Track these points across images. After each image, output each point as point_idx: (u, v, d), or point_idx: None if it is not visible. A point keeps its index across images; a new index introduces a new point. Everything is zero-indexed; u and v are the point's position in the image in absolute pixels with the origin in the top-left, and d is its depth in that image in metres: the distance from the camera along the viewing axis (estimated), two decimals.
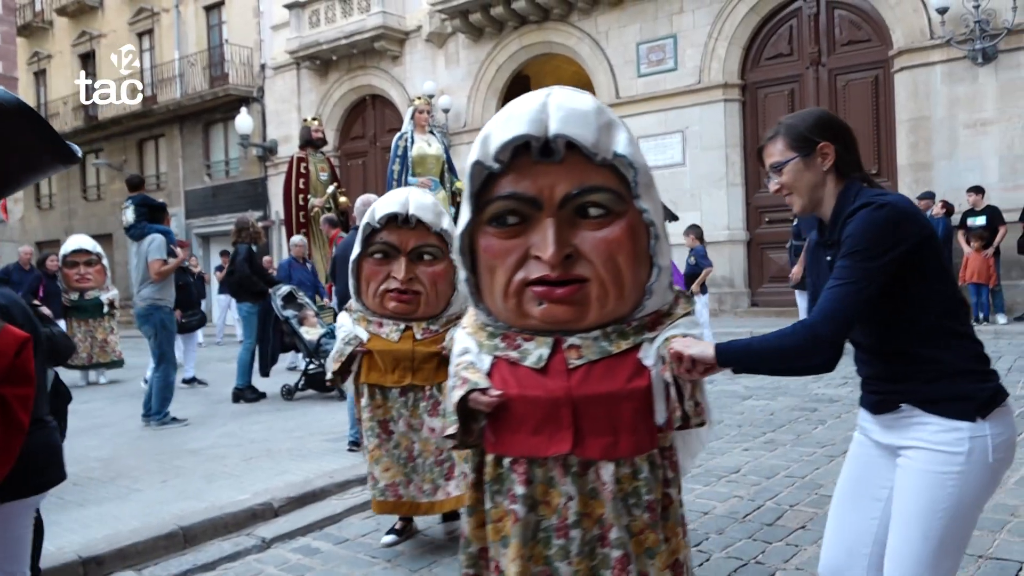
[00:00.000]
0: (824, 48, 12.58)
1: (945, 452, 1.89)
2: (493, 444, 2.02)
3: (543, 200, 1.90)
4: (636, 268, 1.95)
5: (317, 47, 18.02)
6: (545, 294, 1.93)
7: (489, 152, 1.90)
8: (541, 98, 1.91)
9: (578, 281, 1.92)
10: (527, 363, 1.98)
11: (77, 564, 3.73)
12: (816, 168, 2.03)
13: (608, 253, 1.91)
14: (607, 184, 1.91)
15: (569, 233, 1.92)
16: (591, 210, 1.91)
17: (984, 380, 1.95)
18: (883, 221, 1.86)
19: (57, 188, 25.95)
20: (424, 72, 16.83)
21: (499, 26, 15.73)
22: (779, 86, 13.01)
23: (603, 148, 1.88)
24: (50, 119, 25.28)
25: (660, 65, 13.84)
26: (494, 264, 1.97)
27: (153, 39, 22.92)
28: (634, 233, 1.94)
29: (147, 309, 6.83)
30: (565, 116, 1.86)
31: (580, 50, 14.89)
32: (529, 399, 1.94)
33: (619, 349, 1.96)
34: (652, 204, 1.96)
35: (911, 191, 11.39)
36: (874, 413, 2.08)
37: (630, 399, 1.93)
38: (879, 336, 1.98)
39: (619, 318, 1.98)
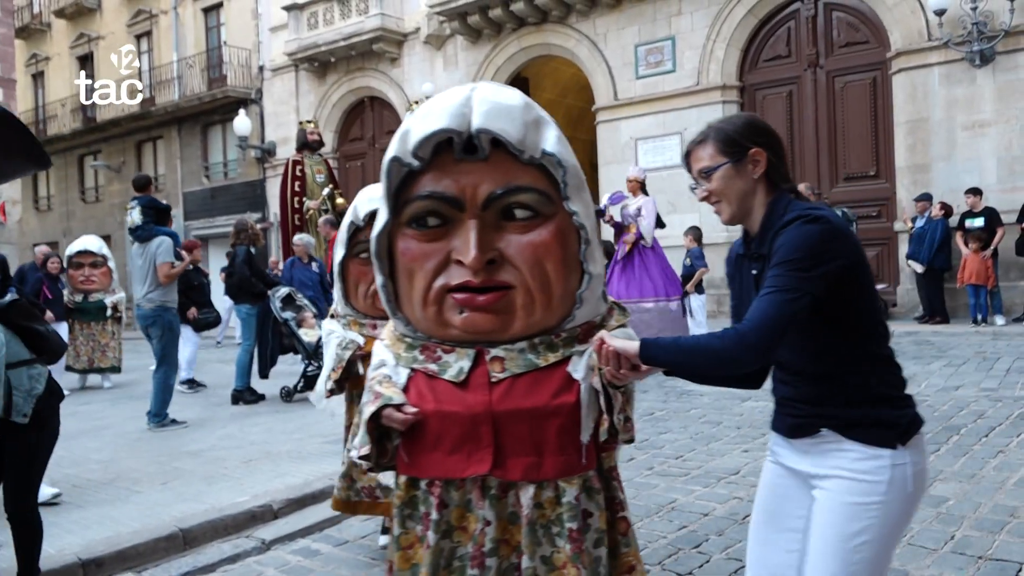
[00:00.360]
0: (822, 50, 12.60)
1: (865, 481, 1.82)
2: (407, 465, 1.87)
3: (465, 200, 1.77)
4: (566, 275, 1.82)
5: (315, 49, 18.02)
6: (466, 301, 1.79)
7: (408, 148, 1.77)
8: (465, 92, 1.79)
9: (502, 288, 1.79)
10: (446, 376, 1.83)
11: (77, 566, 3.73)
12: (747, 175, 1.93)
13: (535, 258, 1.78)
14: (534, 184, 1.78)
15: (494, 236, 1.79)
16: (517, 212, 1.78)
17: (905, 406, 1.89)
18: (818, 234, 1.77)
19: (56, 190, 25.93)
20: (422, 74, 16.84)
21: (497, 28, 15.74)
22: (777, 88, 13.03)
23: (530, 146, 1.76)
24: (48, 121, 25.31)
25: (658, 67, 13.86)
26: (413, 268, 1.83)
27: (151, 41, 22.91)
28: (564, 237, 1.81)
29: (155, 311, 6.86)
30: (489, 111, 1.73)
31: (578, 52, 14.90)
32: (446, 415, 1.80)
33: (547, 362, 1.83)
34: (583, 206, 1.83)
35: (909, 193, 11.43)
36: (791, 437, 1.98)
37: (556, 415, 1.79)
38: (805, 356, 1.88)
39: (548, 329, 1.85)
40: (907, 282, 11.55)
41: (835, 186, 12.38)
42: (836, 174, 12.54)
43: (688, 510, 4.04)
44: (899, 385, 1.91)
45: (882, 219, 12.09)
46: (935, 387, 6.65)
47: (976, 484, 4.16)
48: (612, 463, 1.94)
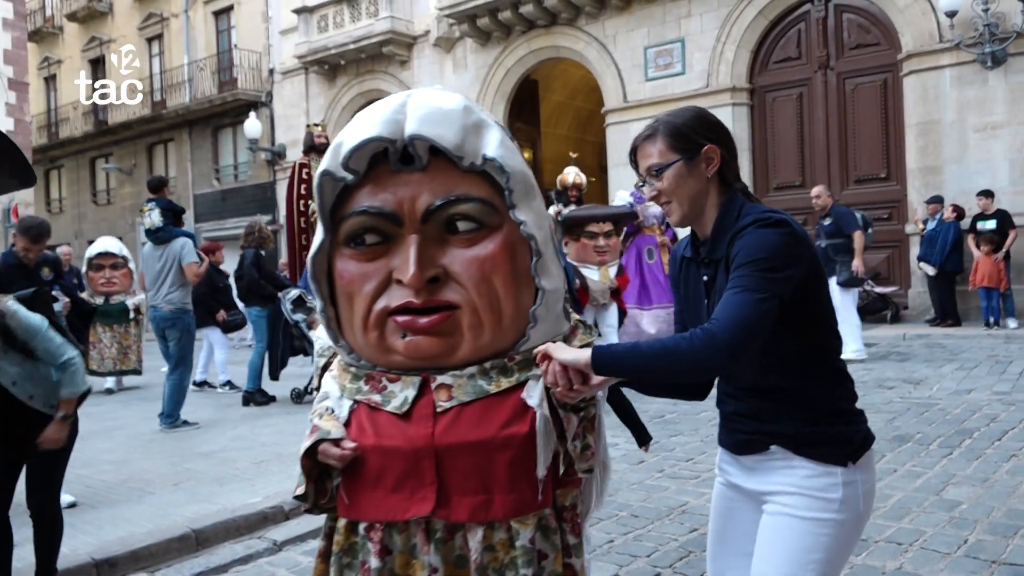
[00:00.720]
0: (832, 52, 12.57)
1: (819, 498, 1.73)
2: (346, 506, 1.69)
3: (403, 215, 1.61)
4: (516, 291, 1.65)
5: (325, 52, 18.09)
6: (408, 324, 1.62)
7: (339, 160, 1.62)
8: (401, 98, 1.64)
9: (447, 308, 1.63)
10: (389, 408, 1.66)
11: (91, 566, 3.76)
12: (700, 174, 1.80)
13: (481, 274, 1.62)
14: (477, 193, 1.62)
15: (437, 252, 1.63)
16: (460, 224, 1.62)
17: (857, 422, 1.81)
18: (782, 237, 1.67)
19: (67, 192, 26.09)
20: (432, 76, 16.88)
21: (507, 30, 15.77)
22: (787, 90, 13.01)
23: (470, 151, 1.60)
24: (60, 124, 25.48)
25: (668, 69, 13.85)
26: (352, 291, 1.66)
27: (162, 44, 23.04)
28: (512, 250, 1.64)
29: (174, 313, 6.92)
30: (424, 116, 1.58)
31: (588, 54, 14.91)
32: (386, 450, 1.62)
33: (499, 388, 1.64)
34: (532, 215, 1.66)
35: (920, 195, 11.39)
36: (738, 454, 1.88)
37: (506, 448, 1.60)
38: (757, 369, 1.75)
39: (500, 351, 1.67)
40: (918, 285, 11.50)
41: (846, 188, 12.33)
42: (847, 176, 12.50)
43: (699, 512, 4.03)
44: (851, 399, 1.83)
45: (893, 221, 12.05)
46: (947, 390, 6.63)
47: (989, 488, 4.14)
48: (569, 501, 1.72)
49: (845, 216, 8.49)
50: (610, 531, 3.92)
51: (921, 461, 4.68)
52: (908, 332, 10.14)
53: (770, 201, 13.04)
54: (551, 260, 1.70)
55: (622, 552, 3.66)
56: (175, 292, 6.91)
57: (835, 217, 8.47)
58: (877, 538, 3.57)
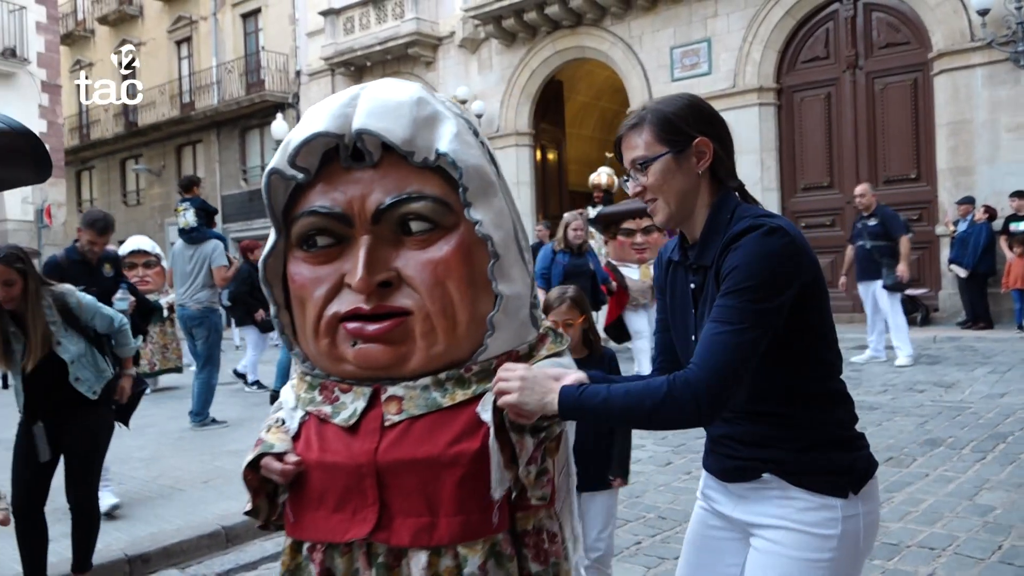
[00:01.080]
0: (861, 51, 12.43)
1: (815, 535, 1.58)
2: (291, 524, 1.59)
3: (353, 214, 1.51)
4: (473, 296, 1.52)
5: (352, 53, 18.20)
6: (357, 332, 1.52)
7: (286, 158, 1.53)
8: (355, 90, 1.56)
9: (399, 314, 1.52)
10: (337, 420, 1.55)
11: (123, 562, 3.82)
12: (690, 170, 1.63)
13: (435, 278, 1.50)
14: (430, 191, 1.51)
15: (389, 254, 1.52)
16: (413, 224, 1.51)
17: (859, 448, 1.66)
18: (779, 250, 1.51)
19: (98, 193, 26.47)
20: (457, 77, 16.92)
21: (532, 31, 15.77)
22: (815, 90, 12.88)
23: (422, 146, 1.50)
24: (92, 126, 25.86)
25: (694, 69, 13.78)
26: (303, 296, 1.57)
27: (191, 47, 23.30)
28: (468, 252, 1.52)
29: (203, 312, 7.03)
30: (373, 109, 1.49)
31: (613, 55, 14.87)
32: (329, 467, 1.52)
33: (453, 401, 1.52)
34: (490, 214, 1.54)
35: (951, 196, 11.24)
36: (726, 481, 1.71)
37: (453, 466, 1.46)
38: (750, 392, 1.59)
39: (456, 361, 1.55)
40: (949, 287, 11.35)
41: (875, 189, 12.16)
42: (876, 177, 12.35)
43: None
44: (852, 423, 1.68)
45: (923, 223, 11.88)
46: (979, 394, 6.53)
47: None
48: (531, 525, 1.56)
49: (893, 219, 8.25)
50: (637, 533, 3.91)
51: (953, 465, 4.62)
52: (939, 335, 10.01)
53: (797, 202, 12.95)
54: (512, 263, 1.57)
55: (649, 554, 3.65)
56: (203, 292, 7.02)
57: (882, 218, 8.20)
58: (909, 543, 3.54)
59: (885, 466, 4.68)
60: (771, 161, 13.10)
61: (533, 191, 16.38)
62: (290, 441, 1.59)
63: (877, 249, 8.16)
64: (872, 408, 6.22)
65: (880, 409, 6.17)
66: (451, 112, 1.57)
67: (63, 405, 3.45)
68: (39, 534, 3.43)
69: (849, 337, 10.02)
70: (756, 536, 1.67)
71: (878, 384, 7.17)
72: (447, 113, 1.56)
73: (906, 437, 5.29)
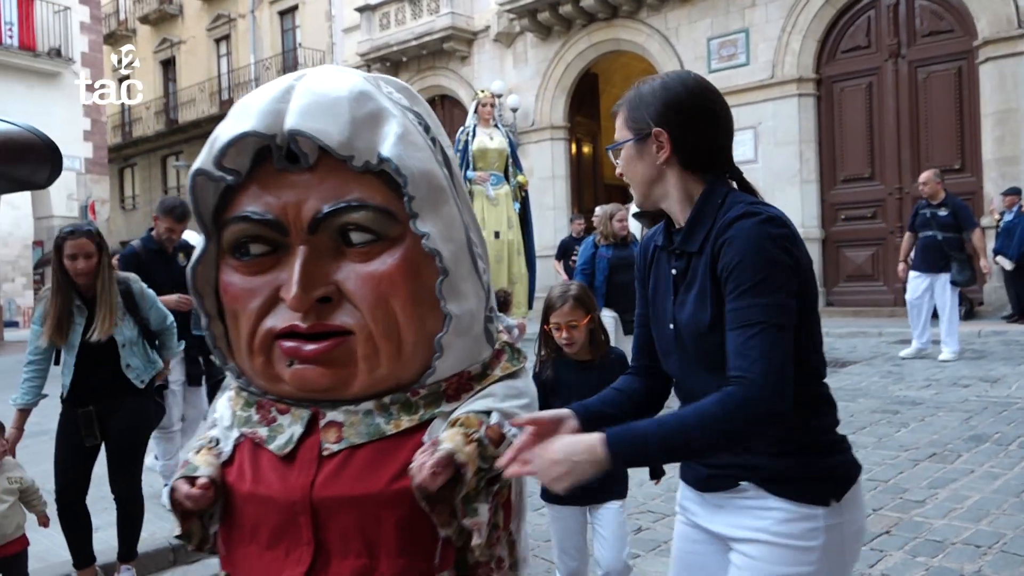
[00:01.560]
0: (904, 40, 12.19)
1: (794, 547, 1.49)
2: (224, 558, 1.46)
3: (287, 222, 1.35)
4: (419, 316, 1.37)
5: (387, 49, 18.29)
6: (292, 352, 1.37)
7: (211, 158, 1.37)
8: (289, 81, 1.39)
9: (339, 334, 1.36)
10: (272, 446, 1.40)
11: (168, 550, 3.90)
12: (651, 159, 1.56)
13: (377, 295, 1.35)
14: (371, 199, 1.34)
15: (329, 266, 1.36)
16: (353, 235, 1.35)
17: (841, 452, 1.57)
18: (778, 238, 1.44)
19: (140, 190, 26.99)
20: (492, 72, 16.93)
21: (567, 24, 15.71)
22: (856, 79, 12.66)
23: (363, 148, 1.32)
24: (134, 123, 26.36)
25: (731, 60, 13.62)
26: (236, 309, 1.42)
27: (230, 44, 23.63)
28: (414, 267, 1.36)
29: None
30: (307, 105, 1.32)
31: (649, 47, 14.76)
32: (262, 499, 1.37)
33: (397, 428, 1.37)
34: (440, 226, 1.37)
35: (997, 186, 10.98)
36: (702, 491, 1.63)
37: (395, 505, 1.32)
38: None
39: (402, 384, 1.40)
40: (994, 279, 11.08)
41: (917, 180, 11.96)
42: (918, 168, 12.09)
43: None
44: (833, 426, 1.60)
45: None
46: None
47: None
48: (486, 556, 1.41)
49: (964, 210, 7.96)
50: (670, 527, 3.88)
51: (1000, 462, 4.52)
52: (983, 329, 9.80)
53: (837, 194, 12.74)
54: (464, 276, 1.41)
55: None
56: None
57: (953, 208, 7.83)
58: (954, 540, 3.47)
59: (929, 462, 4.60)
60: (810, 153, 12.91)
61: (568, 185, 16.34)
62: (218, 466, 1.42)
63: (947, 241, 7.77)
64: (915, 403, 6.11)
65: (923, 404, 6.06)
66: (397, 108, 1.40)
67: (110, 392, 3.52)
68: (81, 524, 3.50)
69: (890, 331, 9.86)
70: (734, 551, 1.58)
71: (921, 379, 7.04)
72: (392, 110, 1.38)
73: (950, 433, 5.19)
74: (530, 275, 8.47)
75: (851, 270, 12.58)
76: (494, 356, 1.50)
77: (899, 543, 3.48)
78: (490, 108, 8.67)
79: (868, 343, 9.45)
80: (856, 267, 12.50)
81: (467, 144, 8.50)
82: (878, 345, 9.34)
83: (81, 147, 17.91)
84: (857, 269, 12.49)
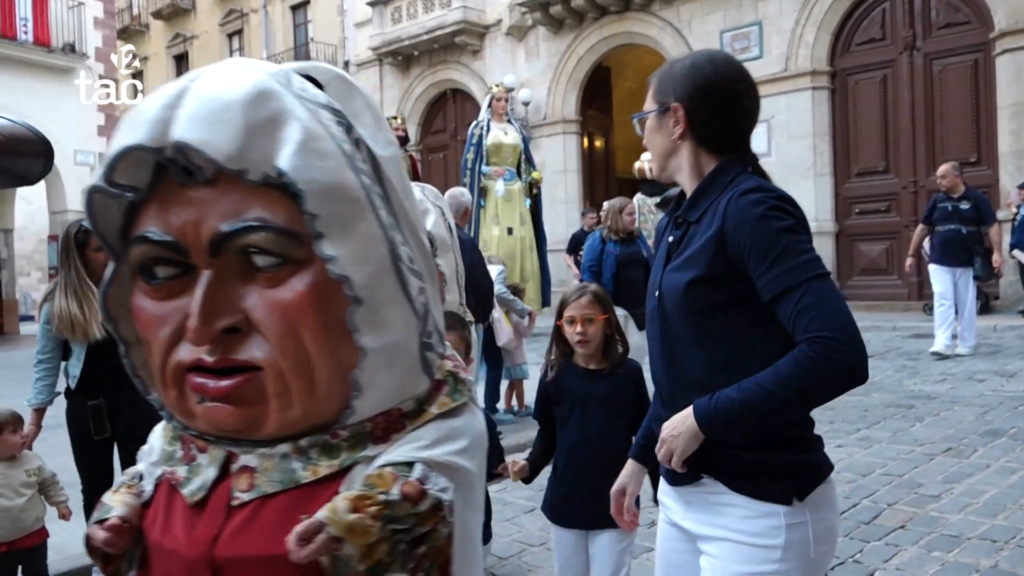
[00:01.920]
0: (919, 32, 12.09)
1: (756, 545, 1.47)
2: None
3: (187, 244, 1.16)
4: (334, 348, 1.18)
5: (399, 43, 18.29)
6: (198, 389, 1.19)
7: (102, 174, 1.22)
8: (182, 83, 1.17)
9: (248, 369, 1.18)
10: (185, 492, 1.23)
11: None
12: (668, 132, 1.61)
13: (285, 325, 1.16)
14: (272, 218, 1.14)
15: (237, 292, 1.17)
16: (257, 259, 1.17)
17: (808, 449, 1.53)
18: (791, 212, 1.47)
19: None
20: (504, 65, 16.90)
21: (579, 17, 15.67)
22: (871, 72, 12.57)
23: (257, 159, 1.12)
24: None
25: (745, 53, 13.54)
26: (148, 337, 1.27)
27: (242, 39, 23.69)
28: (325, 293, 1.17)
29: None
30: (196, 112, 1.12)
31: (662, 40, 14.70)
32: (167, 552, 1.21)
33: (315, 476, 1.18)
34: (350, 246, 1.17)
35: (1013, 179, 10.90)
36: (671, 484, 1.61)
37: (304, 569, 1.14)
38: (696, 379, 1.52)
39: (322, 424, 1.21)
40: (1010, 273, 11.00)
41: (933, 173, 11.87)
42: (933, 161, 12.02)
43: None
44: (806, 422, 1.55)
45: None
46: None
47: None
48: None
49: (986, 203, 7.86)
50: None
51: (1016, 457, 4.50)
52: (999, 323, 9.73)
53: (851, 188, 12.67)
54: (387, 301, 1.21)
55: None
56: None
57: (975, 201, 7.73)
58: (970, 535, 3.46)
59: (944, 457, 4.58)
60: (824, 146, 12.83)
61: (580, 178, 16.31)
62: (135, 505, 1.26)
63: (971, 235, 7.65)
64: (930, 398, 6.08)
65: (939, 399, 6.03)
66: (306, 108, 1.18)
67: (121, 386, 3.53)
68: None
69: (904, 325, 9.81)
70: (703, 552, 1.56)
71: (936, 373, 7.00)
72: (298, 111, 1.17)
73: (966, 428, 5.16)
74: (543, 272, 8.47)
75: (865, 264, 12.52)
76: (433, 389, 1.26)
77: (914, 538, 3.47)
78: (504, 103, 8.62)
79: (882, 337, 9.40)
80: (870, 261, 12.44)
81: (481, 138, 8.42)
82: (892, 339, 9.29)
83: (95, 142, 18.00)
84: (871, 263, 12.43)
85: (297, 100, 1.17)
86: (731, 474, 1.49)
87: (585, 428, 2.55)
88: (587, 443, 2.54)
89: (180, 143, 1.11)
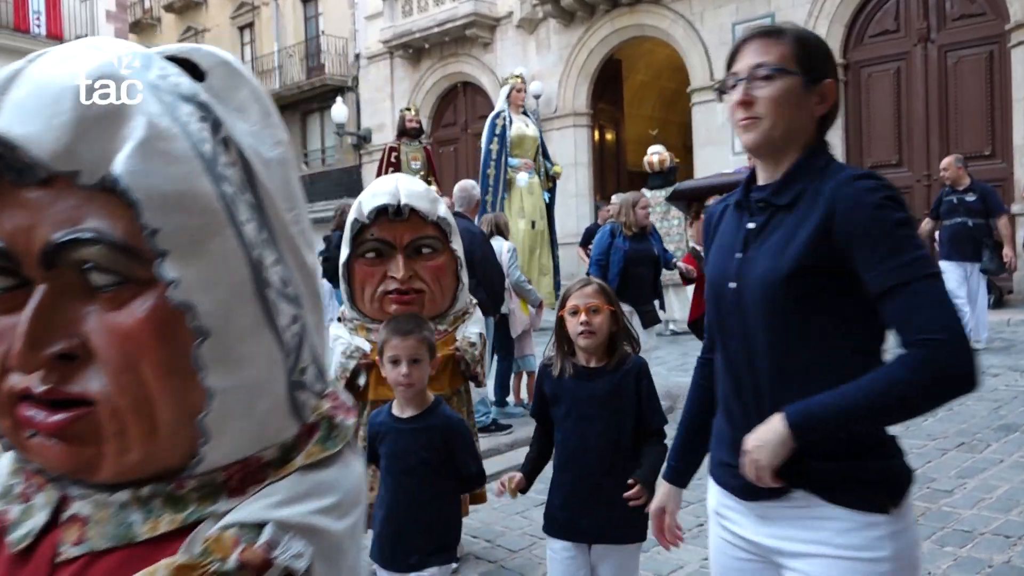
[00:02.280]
0: (933, 23, 11.99)
1: (861, 559, 1.36)
2: None
3: (17, 254, 1.00)
4: (180, 388, 0.99)
5: (410, 36, 18.28)
6: (27, 422, 1.01)
7: None
8: (20, 64, 1.01)
9: (83, 403, 1.00)
10: (11, 537, 1.07)
11: None
12: (809, 107, 1.47)
13: (123, 356, 0.97)
14: (110, 230, 0.96)
15: (76, 312, 0.98)
16: (94, 276, 0.97)
17: (896, 453, 1.45)
18: (901, 199, 1.40)
19: None
20: (515, 58, 16.86)
21: (590, 10, 15.61)
22: (884, 64, 12.47)
23: (90, 160, 0.92)
24: None
25: None
26: None
27: (254, 32, 23.73)
28: (169, 322, 0.97)
29: None
30: (23, 100, 0.93)
31: (673, 32, 14.63)
32: None
33: (153, 532, 0.99)
34: (200, 266, 0.96)
35: None
36: (747, 499, 1.48)
37: None
38: (781, 381, 1.41)
39: (168, 471, 1.03)
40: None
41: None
42: (947, 154, 11.92)
43: None
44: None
45: None
46: None
47: None
48: None
49: (993, 195, 7.74)
50: (699, 515, 3.88)
51: None
52: (1013, 317, 9.66)
53: None
54: (246, 333, 0.99)
55: None
56: None
57: (982, 194, 7.63)
58: (983, 530, 3.43)
59: (957, 451, 4.55)
60: (836, 139, 12.74)
61: (591, 172, 16.28)
62: None
63: (978, 228, 7.57)
64: None
65: None
66: (159, 99, 0.95)
67: None
68: None
69: None
70: (787, 568, 1.44)
71: None
72: (148, 104, 0.94)
73: (979, 422, 5.13)
74: (555, 266, 8.47)
75: None
76: (303, 435, 1.04)
77: (927, 533, 3.45)
78: (523, 94, 8.57)
79: None
80: None
81: (505, 129, 8.24)
82: None
83: None
84: None
85: (151, 90, 0.95)
86: (828, 487, 1.39)
87: (584, 430, 2.41)
88: (586, 446, 2.40)
89: (1, 137, 0.91)
